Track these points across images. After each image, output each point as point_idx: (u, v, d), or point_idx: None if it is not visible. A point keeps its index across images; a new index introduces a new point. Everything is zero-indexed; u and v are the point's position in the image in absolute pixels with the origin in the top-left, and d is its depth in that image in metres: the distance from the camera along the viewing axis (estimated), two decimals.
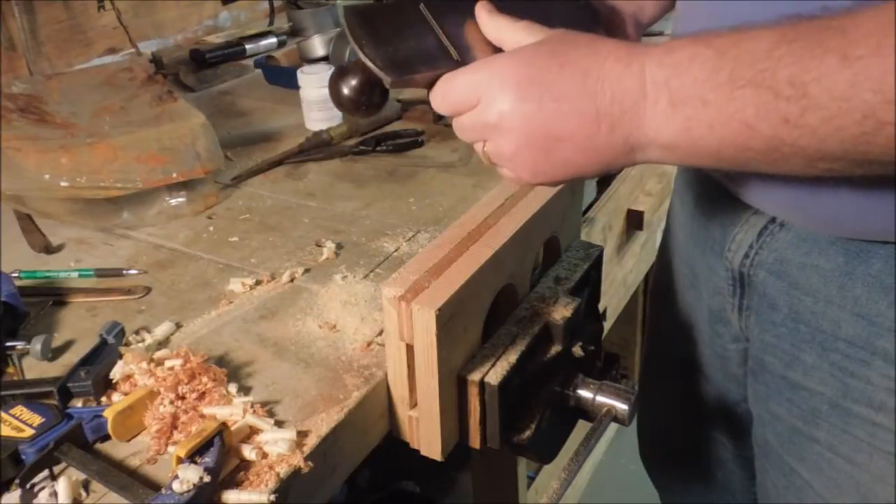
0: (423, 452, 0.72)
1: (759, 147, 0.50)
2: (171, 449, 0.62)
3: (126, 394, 0.67)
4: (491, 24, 0.62)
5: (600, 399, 0.76)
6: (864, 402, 0.69)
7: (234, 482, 0.59)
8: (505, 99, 0.55)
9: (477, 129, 0.58)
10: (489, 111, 0.56)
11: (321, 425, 0.65)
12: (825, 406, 0.72)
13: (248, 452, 0.61)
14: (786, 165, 0.51)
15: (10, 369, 0.74)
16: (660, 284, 1.02)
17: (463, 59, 0.61)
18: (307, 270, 0.88)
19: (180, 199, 1.01)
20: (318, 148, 1.19)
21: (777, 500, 0.83)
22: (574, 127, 0.54)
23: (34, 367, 0.74)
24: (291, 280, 0.86)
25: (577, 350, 0.78)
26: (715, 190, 0.78)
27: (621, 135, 0.54)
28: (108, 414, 0.63)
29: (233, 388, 0.69)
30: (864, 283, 0.65)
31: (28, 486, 0.60)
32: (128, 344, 0.76)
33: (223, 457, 0.59)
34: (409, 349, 0.66)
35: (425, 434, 0.70)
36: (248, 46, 1.63)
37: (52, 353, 0.75)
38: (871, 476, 0.71)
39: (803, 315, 0.71)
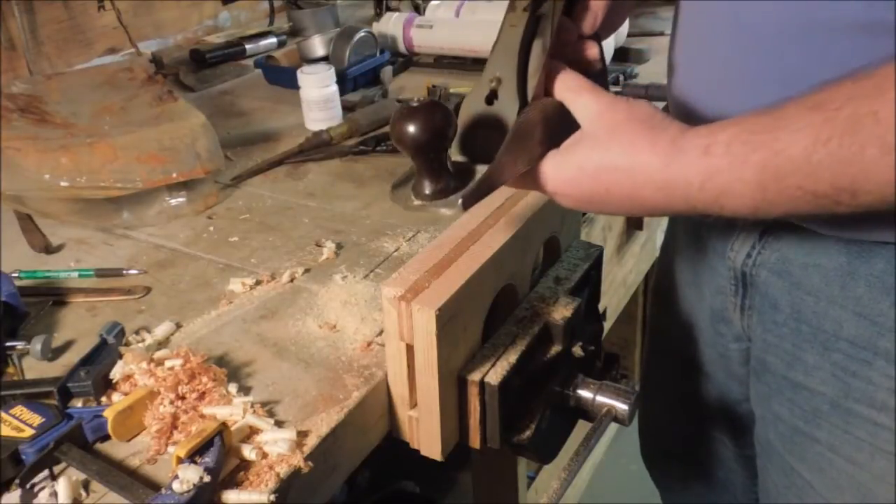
0: (423, 452, 0.72)
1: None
2: (171, 449, 0.62)
3: (126, 394, 0.67)
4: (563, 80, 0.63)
5: (600, 399, 0.76)
6: (866, 403, 0.69)
7: (234, 482, 0.59)
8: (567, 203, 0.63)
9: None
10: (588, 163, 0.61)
11: (321, 425, 0.65)
12: (826, 406, 0.72)
13: (248, 452, 0.61)
14: None
15: (10, 369, 0.74)
16: (661, 284, 1.02)
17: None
18: (307, 270, 0.88)
19: (180, 199, 1.01)
20: (318, 148, 1.19)
21: (778, 499, 0.83)
22: (641, 211, 0.62)
23: (34, 367, 0.74)
24: (291, 280, 0.86)
25: (577, 350, 0.78)
26: None
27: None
28: (108, 414, 0.63)
29: (233, 388, 0.69)
30: (867, 283, 0.65)
31: (28, 486, 0.60)
32: (128, 344, 0.76)
33: (223, 457, 0.59)
34: (409, 349, 0.66)
35: (425, 434, 0.70)
36: (248, 46, 1.63)
37: (52, 353, 0.75)
38: (871, 476, 0.71)
39: (805, 315, 0.71)
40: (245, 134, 1.27)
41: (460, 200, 0.59)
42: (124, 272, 0.88)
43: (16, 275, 0.87)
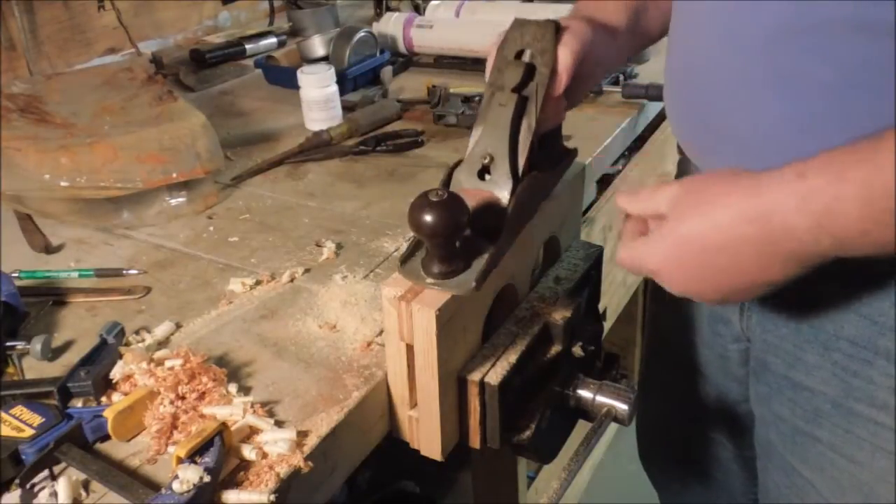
0: (423, 452, 0.72)
1: None
2: (171, 449, 0.62)
3: (126, 394, 0.67)
4: (635, 204, 0.66)
5: (600, 399, 0.76)
6: (867, 402, 0.69)
7: (234, 482, 0.59)
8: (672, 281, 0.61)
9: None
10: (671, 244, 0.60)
11: (321, 425, 0.65)
12: (827, 406, 0.72)
13: (248, 452, 0.61)
14: None
15: (10, 369, 0.74)
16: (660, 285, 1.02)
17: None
18: (307, 270, 0.88)
19: (180, 199, 1.01)
20: (318, 148, 1.19)
21: (779, 499, 0.83)
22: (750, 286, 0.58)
23: (34, 367, 0.74)
24: (291, 280, 0.86)
25: (577, 350, 0.78)
26: None
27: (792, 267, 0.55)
28: (108, 414, 0.63)
29: (233, 388, 0.69)
30: (867, 283, 0.65)
31: (28, 486, 0.60)
32: (128, 344, 0.76)
33: (223, 457, 0.59)
34: (409, 349, 0.66)
35: (425, 434, 0.70)
36: (248, 46, 1.63)
37: (52, 353, 0.75)
38: (873, 475, 0.71)
39: (806, 315, 0.71)
40: (245, 134, 1.27)
41: (473, 284, 0.63)
42: (124, 272, 0.88)
43: (16, 275, 0.87)
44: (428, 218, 0.60)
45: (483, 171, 0.68)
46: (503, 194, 0.67)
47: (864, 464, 0.71)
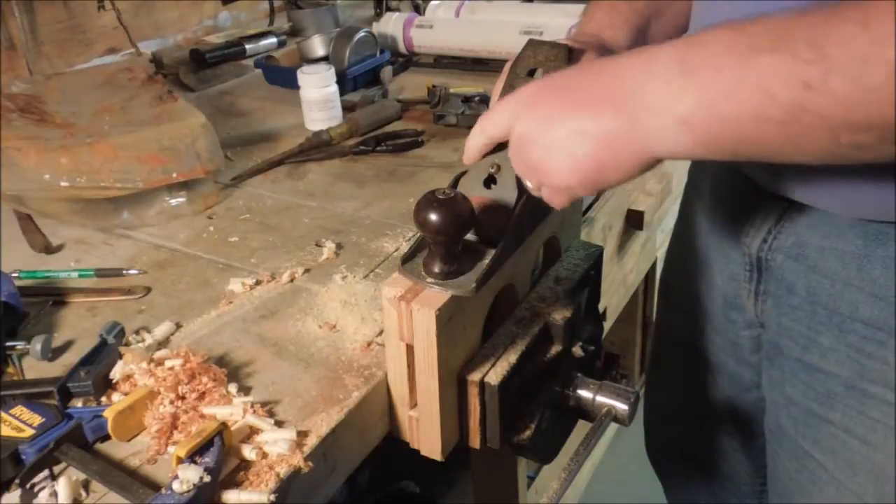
0: (423, 452, 0.72)
1: (778, 116, 0.47)
2: (171, 449, 0.62)
3: (126, 394, 0.67)
4: None
5: (600, 399, 0.76)
6: (881, 383, 0.69)
7: (234, 482, 0.59)
8: (527, 114, 0.59)
9: (518, 155, 0.61)
10: (517, 131, 0.60)
11: (321, 425, 0.65)
12: (841, 388, 0.73)
13: (248, 452, 0.61)
14: (806, 142, 0.49)
15: (10, 369, 0.74)
16: (670, 275, 1.03)
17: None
18: (307, 270, 0.88)
19: (180, 199, 1.01)
20: (318, 148, 1.19)
21: (789, 484, 0.84)
22: (586, 116, 0.55)
23: (34, 367, 0.74)
24: (291, 280, 0.86)
25: (577, 350, 0.78)
26: (731, 177, 0.78)
27: (626, 115, 0.53)
28: (108, 414, 0.63)
29: (233, 388, 0.69)
30: (883, 265, 0.66)
31: (28, 486, 0.60)
32: (128, 344, 0.76)
33: (223, 457, 0.59)
34: (409, 349, 0.66)
35: (425, 434, 0.70)
36: (248, 46, 1.63)
37: (52, 353, 0.75)
38: (885, 456, 0.71)
39: (821, 297, 0.72)
40: (245, 134, 1.27)
41: (473, 285, 0.64)
42: (124, 272, 0.88)
43: (16, 275, 0.87)
44: (434, 215, 0.61)
45: (489, 181, 0.69)
46: (508, 201, 0.68)
47: (877, 445, 0.72)
